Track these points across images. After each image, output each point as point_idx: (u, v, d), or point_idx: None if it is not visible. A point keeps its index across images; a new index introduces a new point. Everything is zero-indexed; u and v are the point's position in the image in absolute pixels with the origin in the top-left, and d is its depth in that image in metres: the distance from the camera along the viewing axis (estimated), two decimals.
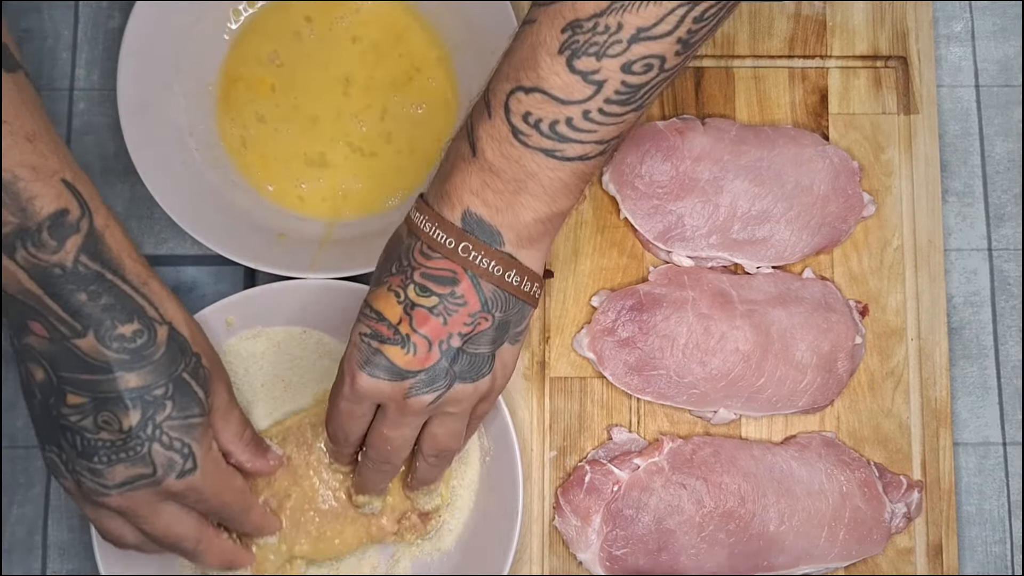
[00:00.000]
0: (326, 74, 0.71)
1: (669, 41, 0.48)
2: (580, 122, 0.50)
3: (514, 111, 0.50)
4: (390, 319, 0.53)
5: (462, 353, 0.54)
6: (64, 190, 0.51)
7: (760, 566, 0.65)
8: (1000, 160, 0.73)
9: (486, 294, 0.53)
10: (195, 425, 0.55)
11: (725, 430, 0.68)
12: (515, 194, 0.52)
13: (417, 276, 0.53)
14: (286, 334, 0.67)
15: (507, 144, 0.51)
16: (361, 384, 0.54)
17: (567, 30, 0.48)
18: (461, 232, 0.52)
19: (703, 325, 0.66)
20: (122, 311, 0.52)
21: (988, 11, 0.75)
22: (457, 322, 0.53)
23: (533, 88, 0.50)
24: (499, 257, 0.53)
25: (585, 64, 0.49)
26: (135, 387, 0.52)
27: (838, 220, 0.69)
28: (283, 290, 0.65)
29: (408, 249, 0.54)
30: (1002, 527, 0.69)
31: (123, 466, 0.53)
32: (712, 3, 0.48)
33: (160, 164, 0.67)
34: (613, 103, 0.49)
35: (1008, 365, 0.71)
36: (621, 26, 0.48)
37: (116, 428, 0.52)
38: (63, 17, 0.74)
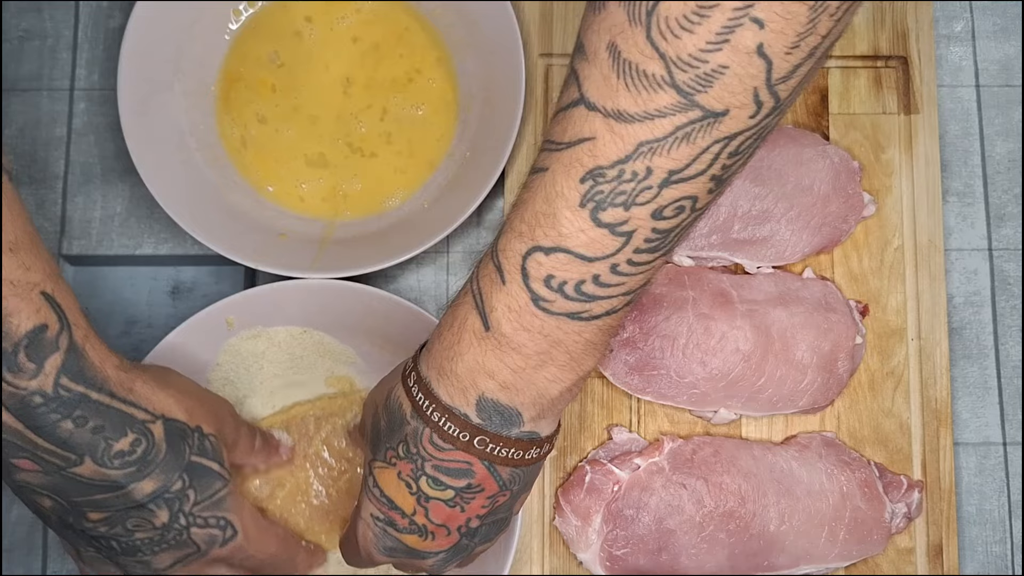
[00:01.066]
0: (326, 74, 0.71)
1: (703, 180, 0.43)
2: (608, 277, 0.44)
3: (533, 275, 0.45)
4: (403, 508, 0.50)
5: (481, 527, 0.51)
6: (43, 304, 0.47)
7: (760, 566, 0.65)
8: (1000, 160, 0.73)
9: (504, 477, 0.49)
10: (222, 499, 0.54)
11: (725, 430, 0.68)
12: (537, 369, 0.47)
13: (429, 468, 0.48)
14: (286, 334, 0.67)
15: (527, 315, 0.45)
16: (379, 558, 0.53)
17: (587, 179, 0.43)
18: (475, 427, 0.47)
19: (703, 325, 0.66)
20: (113, 428, 0.50)
21: (988, 11, 0.75)
22: (475, 507, 0.50)
23: (554, 248, 0.44)
24: (517, 443, 0.48)
25: (612, 216, 0.43)
26: (152, 491, 0.51)
27: (838, 220, 0.69)
28: (283, 290, 0.65)
29: (416, 435, 0.49)
30: (1002, 527, 0.69)
31: (168, 553, 0.53)
32: (747, 135, 0.42)
33: (160, 164, 0.67)
34: (643, 252, 0.44)
35: (1008, 365, 0.71)
36: (651, 171, 0.42)
37: (150, 528, 0.52)
38: (63, 17, 0.74)
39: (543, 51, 0.72)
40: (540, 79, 0.72)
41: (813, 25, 0.39)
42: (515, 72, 0.67)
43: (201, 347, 0.65)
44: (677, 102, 0.41)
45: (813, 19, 0.39)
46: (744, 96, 0.41)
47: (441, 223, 0.66)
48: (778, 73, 0.40)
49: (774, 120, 0.43)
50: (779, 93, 0.41)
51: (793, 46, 0.40)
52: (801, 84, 0.42)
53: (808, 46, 0.40)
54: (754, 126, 0.42)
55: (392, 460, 0.50)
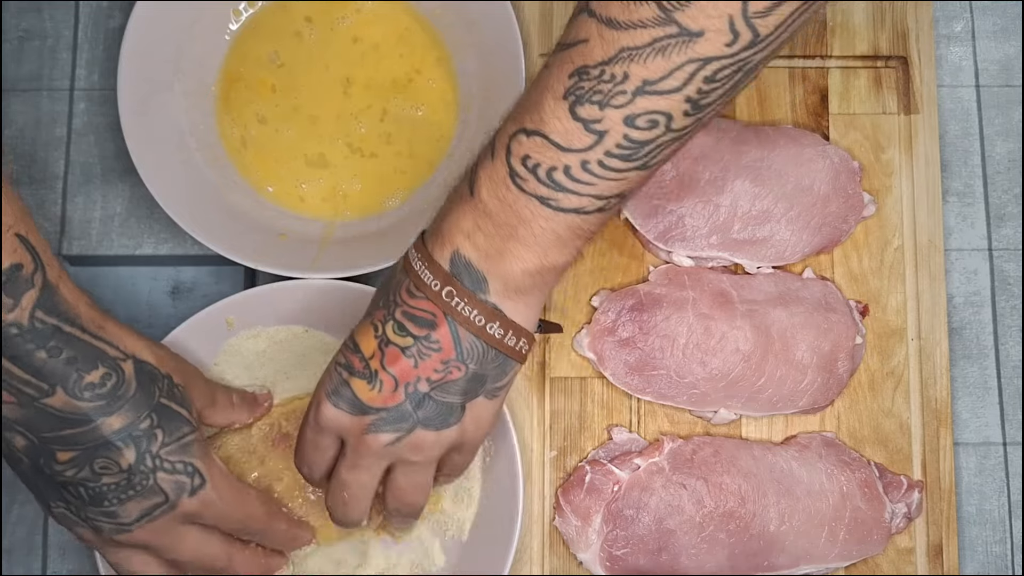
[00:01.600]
0: (326, 74, 0.71)
1: (677, 99, 0.46)
2: (578, 172, 0.48)
3: (514, 153, 0.49)
4: (364, 352, 0.52)
5: (428, 399, 0.52)
6: (19, 245, 0.50)
7: (760, 566, 0.65)
8: (1000, 160, 0.73)
9: (463, 344, 0.52)
10: (190, 443, 0.55)
11: (725, 430, 0.68)
12: (505, 240, 0.50)
13: (398, 314, 0.52)
14: (288, 332, 0.67)
15: (503, 187, 0.50)
16: (324, 412, 0.53)
17: (574, 75, 0.47)
18: (447, 276, 0.51)
19: (703, 325, 0.66)
20: (85, 360, 0.52)
21: (988, 11, 0.75)
22: (428, 367, 0.52)
23: (534, 131, 0.48)
24: (482, 307, 0.51)
25: (587, 112, 0.47)
26: (120, 427, 0.52)
27: (838, 220, 0.69)
28: (283, 290, 0.65)
29: (398, 285, 0.53)
30: (1002, 527, 0.69)
31: (135, 502, 0.53)
32: (724, 63, 0.46)
33: (160, 164, 0.67)
34: (614, 157, 0.48)
35: (1008, 365, 0.71)
36: (627, 76, 0.46)
37: (116, 470, 0.52)
38: (63, 17, 0.74)
39: (543, 51, 0.72)
40: None
41: None
42: (515, 72, 0.67)
43: (201, 347, 0.65)
44: (657, 16, 0.45)
45: None
46: (719, 21, 0.44)
47: None
48: (755, 7, 0.44)
49: (756, 56, 0.46)
50: (757, 27, 0.45)
51: None
52: (785, 26, 0.45)
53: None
54: (731, 55, 0.45)
55: (371, 311, 0.54)
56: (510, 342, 0.53)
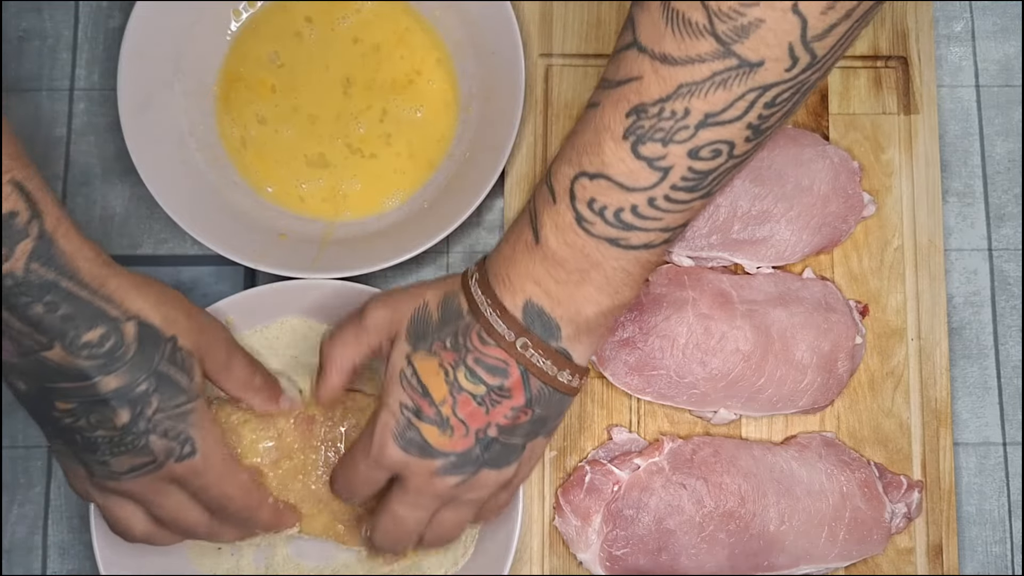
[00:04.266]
0: (326, 75, 0.71)
1: (739, 126, 0.46)
2: (646, 209, 0.48)
3: (579, 197, 0.49)
4: (434, 396, 0.52)
5: (495, 442, 0.53)
6: (12, 191, 0.48)
7: (760, 566, 0.65)
8: (1000, 160, 0.73)
9: (533, 390, 0.52)
10: (187, 412, 0.54)
11: (725, 430, 0.68)
12: (578, 285, 0.50)
13: (470, 360, 0.52)
14: (299, 322, 0.66)
15: (571, 232, 0.49)
16: (389, 454, 0.53)
17: (632, 114, 0.47)
18: (521, 327, 0.51)
19: (703, 325, 0.66)
20: (83, 318, 0.51)
21: (988, 11, 0.75)
22: (498, 413, 0.52)
23: (597, 174, 0.48)
24: (554, 356, 0.51)
25: (651, 150, 0.47)
26: (117, 388, 0.52)
27: (838, 220, 0.69)
28: (283, 290, 0.65)
29: (467, 328, 0.52)
30: (1002, 527, 0.69)
31: (126, 456, 0.53)
32: (784, 87, 0.45)
33: (160, 164, 0.67)
34: (680, 190, 0.48)
35: (1008, 365, 0.71)
36: (688, 111, 0.45)
37: (110, 426, 0.52)
38: (63, 17, 0.74)
39: (543, 51, 0.72)
40: (540, 79, 0.72)
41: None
42: (515, 72, 0.67)
43: None
44: (716, 49, 0.44)
45: None
46: (779, 49, 0.44)
47: (441, 223, 0.66)
48: (813, 31, 0.43)
49: (814, 76, 0.46)
50: (815, 50, 0.44)
51: (828, 7, 0.43)
52: (840, 44, 0.45)
53: (844, 8, 0.43)
54: (790, 79, 0.45)
55: (436, 350, 0.52)
56: (573, 383, 0.53)
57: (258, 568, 0.65)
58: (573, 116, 0.71)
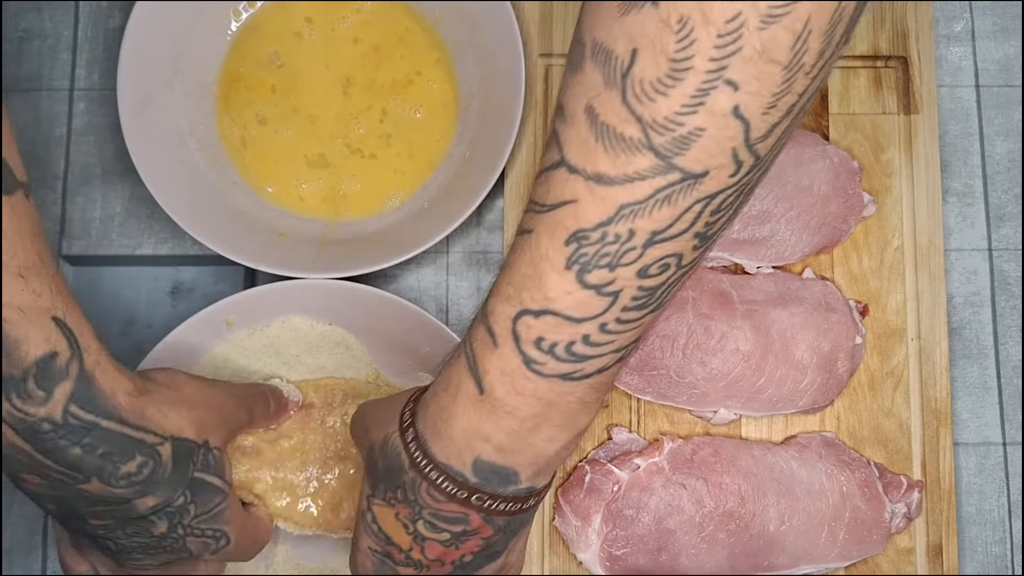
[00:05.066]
0: (326, 75, 0.71)
1: (686, 238, 0.42)
2: (597, 336, 0.44)
3: (523, 338, 0.45)
4: (400, 545, 0.50)
5: (474, 561, 0.51)
6: (54, 330, 0.47)
7: (760, 566, 0.65)
8: (1000, 160, 0.73)
9: (499, 523, 0.49)
10: (221, 512, 0.55)
11: (725, 430, 0.68)
12: (532, 431, 0.47)
13: (426, 514, 0.49)
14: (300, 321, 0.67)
15: (520, 378, 0.45)
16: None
17: (572, 242, 0.42)
18: (472, 487, 0.48)
19: (703, 325, 0.66)
20: (122, 453, 0.50)
21: (988, 11, 0.75)
22: (471, 545, 0.50)
23: (543, 311, 0.44)
24: (514, 498, 0.48)
25: (598, 277, 0.43)
26: (154, 505, 0.52)
27: (838, 220, 0.69)
28: (283, 290, 0.65)
29: (414, 485, 0.49)
30: (1002, 527, 0.69)
31: (162, 555, 0.54)
32: (729, 192, 0.42)
33: (160, 164, 0.67)
34: (631, 310, 0.44)
35: (1008, 365, 0.71)
36: (633, 233, 0.41)
37: (148, 535, 0.53)
38: (63, 17, 0.74)
39: (543, 51, 0.72)
40: (540, 79, 0.72)
41: (789, 85, 0.39)
42: (515, 72, 0.67)
43: (201, 347, 0.65)
44: (655, 165, 0.40)
45: (788, 79, 0.39)
46: (723, 157, 0.40)
47: (441, 223, 0.66)
48: (756, 133, 0.40)
49: (756, 176, 0.42)
50: (758, 151, 0.41)
51: (770, 106, 0.39)
52: (781, 140, 0.41)
53: (785, 104, 0.40)
54: (735, 184, 0.41)
55: (391, 501, 0.50)
56: (541, 498, 0.51)
57: (258, 568, 0.65)
58: None
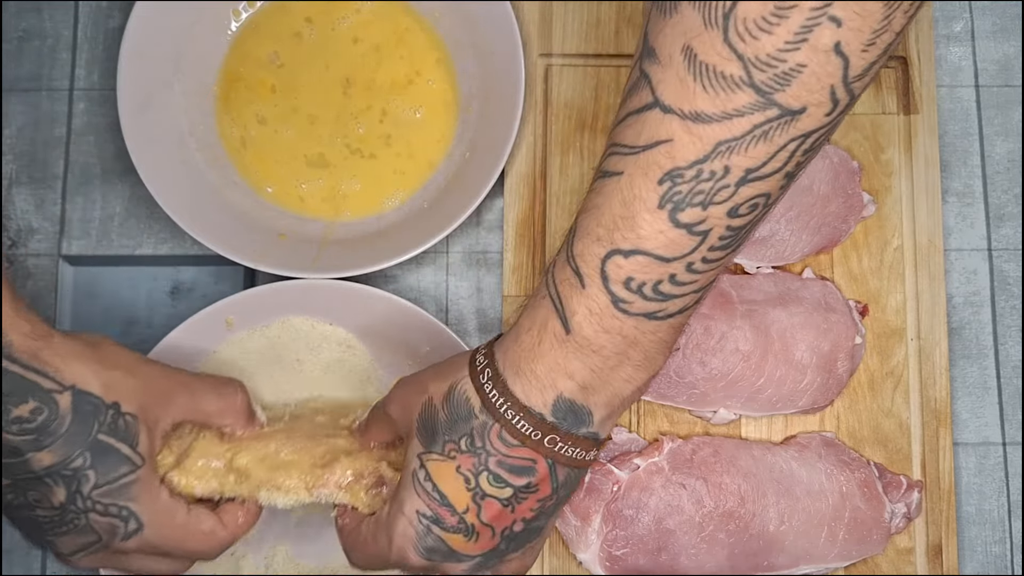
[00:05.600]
0: (326, 75, 0.71)
1: (777, 177, 0.43)
2: (684, 276, 0.45)
3: (613, 278, 0.45)
4: (455, 505, 0.49)
5: (522, 533, 0.51)
6: None
7: (760, 566, 0.65)
8: (1000, 160, 0.74)
9: (560, 478, 0.49)
10: (127, 485, 0.51)
11: (725, 430, 0.68)
12: (615, 369, 0.47)
13: (493, 464, 0.48)
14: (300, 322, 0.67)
15: (608, 316, 0.46)
16: (411, 562, 0.51)
17: (665, 180, 0.43)
18: (549, 425, 0.48)
19: (703, 325, 0.66)
20: (15, 393, 0.48)
21: (988, 11, 0.75)
22: (525, 508, 0.49)
23: (633, 250, 0.44)
24: (583, 443, 0.49)
25: (690, 216, 0.43)
26: (50, 464, 0.49)
27: (838, 220, 0.69)
28: (283, 290, 0.65)
29: (484, 429, 0.48)
30: (1002, 527, 0.69)
31: (70, 537, 0.51)
32: (822, 131, 0.43)
33: (160, 164, 0.67)
34: (716, 249, 0.45)
35: (1008, 365, 0.71)
36: (728, 170, 0.42)
37: (48, 505, 0.50)
38: (63, 17, 0.74)
39: (543, 51, 0.72)
40: (540, 79, 0.72)
41: (888, 22, 0.40)
42: (515, 72, 0.67)
43: (200, 347, 0.65)
44: (755, 101, 0.41)
45: (888, 15, 0.40)
46: (821, 94, 0.41)
47: (441, 223, 0.66)
48: (855, 71, 0.41)
49: (844, 116, 0.44)
50: (854, 90, 0.42)
51: (869, 43, 0.41)
52: (872, 80, 0.43)
53: (883, 43, 0.41)
54: (828, 123, 0.43)
55: (452, 454, 0.49)
56: (596, 455, 0.51)
57: (258, 568, 0.65)
58: (573, 116, 0.71)
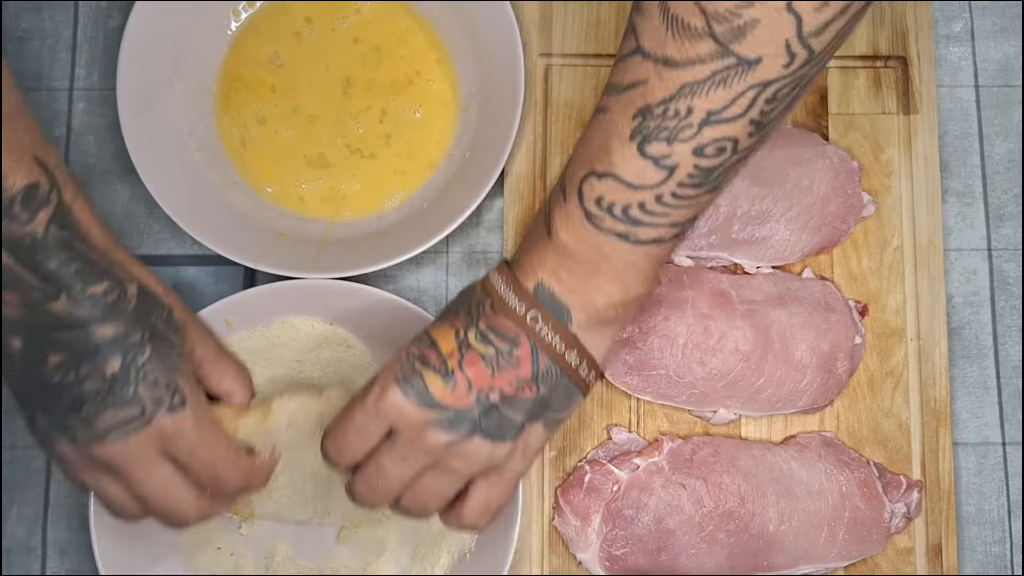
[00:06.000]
0: (326, 75, 0.71)
1: (741, 123, 0.48)
2: (653, 206, 0.50)
3: (587, 196, 0.51)
4: (442, 349, 0.53)
5: (495, 410, 0.53)
6: (35, 166, 0.52)
7: (760, 566, 0.65)
8: (1000, 160, 0.74)
9: (541, 366, 0.53)
10: (177, 366, 0.55)
11: (725, 430, 0.68)
12: (589, 276, 0.52)
13: (481, 324, 0.53)
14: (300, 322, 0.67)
15: (581, 227, 0.51)
16: (389, 398, 0.53)
17: (638, 116, 0.49)
18: (533, 300, 0.52)
19: (703, 325, 0.66)
20: (92, 273, 0.53)
21: (988, 11, 0.75)
22: (503, 379, 0.52)
23: (605, 173, 0.50)
24: (564, 334, 0.53)
25: (656, 149, 0.49)
26: (111, 336, 0.53)
27: (838, 220, 0.69)
28: (283, 290, 0.65)
29: (479, 302, 0.54)
30: (1002, 527, 0.69)
31: (112, 411, 0.53)
32: (783, 83, 0.47)
33: (160, 164, 0.67)
34: (686, 186, 0.50)
35: (1008, 365, 0.71)
36: (691, 110, 0.48)
37: (99, 377, 0.53)
38: (63, 17, 0.74)
39: (543, 51, 0.72)
40: (539, 79, 0.72)
41: None
42: (515, 72, 0.67)
43: None
44: (714, 50, 0.46)
45: None
46: (776, 47, 0.46)
47: (441, 223, 0.66)
48: (809, 27, 0.45)
49: (813, 71, 0.47)
50: (812, 46, 0.46)
51: (821, 5, 0.45)
52: (838, 38, 0.47)
53: (836, 6, 0.45)
54: (789, 75, 0.47)
55: (448, 318, 0.54)
56: (582, 372, 0.54)
57: (258, 568, 0.65)
58: (573, 116, 0.72)
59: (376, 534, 0.66)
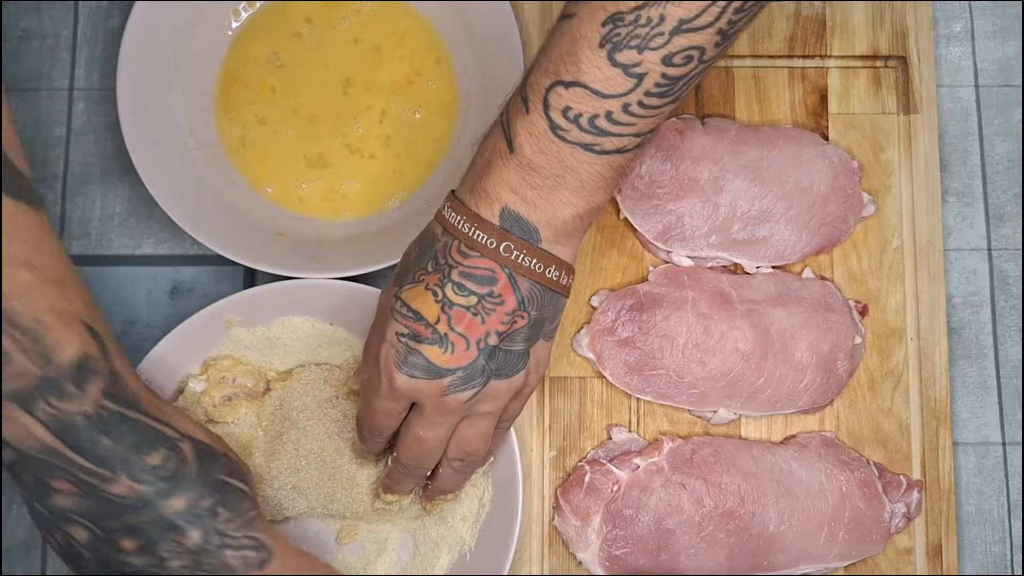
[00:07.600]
0: (326, 75, 0.71)
1: (710, 32, 0.48)
2: (620, 115, 0.50)
3: (553, 106, 0.50)
4: (428, 318, 0.53)
5: (498, 350, 0.54)
6: (85, 332, 0.50)
7: (760, 566, 0.65)
8: (1000, 160, 0.74)
9: (523, 292, 0.53)
10: (253, 519, 0.54)
11: (725, 430, 0.68)
12: (553, 190, 0.52)
13: (455, 275, 0.53)
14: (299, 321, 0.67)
15: (545, 140, 0.51)
16: (399, 384, 0.54)
17: (608, 23, 0.48)
18: (501, 232, 0.52)
19: (703, 325, 0.66)
20: (146, 444, 0.52)
21: (988, 11, 0.75)
22: (494, 320, 0.53)
23: (573, 82, 0.50)
24: (538, 254, 0.53)
25: (627, 57, 0.49)
26: (183, 508, 0.52)
27: (838, 220, 0.70)
28: (283, 290, 0.65)
29: (445, 248, 0.54)
30: (1002, 527, 0.69)
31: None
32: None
33: (160, 164, 0.67)
34: (653, 96, 0.50)
35: (1008, 365, 0.71)
36: (664, 18, 0.48)
37: (183, 552, 0.52)
38: (63, 17, 0.74)
39: None
40: None
41: None
42: (515, 72, 0.67)
43: (200, 347, 0.65)
44: None
45: None
46: None
47: None
48: None
49: None
50: None
51: None
52: None
53: None
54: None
55: (420, 277, 0.54)
56: (562, 280, 0.55)
57: None
58: None
59: (376, 534, 0.66)
